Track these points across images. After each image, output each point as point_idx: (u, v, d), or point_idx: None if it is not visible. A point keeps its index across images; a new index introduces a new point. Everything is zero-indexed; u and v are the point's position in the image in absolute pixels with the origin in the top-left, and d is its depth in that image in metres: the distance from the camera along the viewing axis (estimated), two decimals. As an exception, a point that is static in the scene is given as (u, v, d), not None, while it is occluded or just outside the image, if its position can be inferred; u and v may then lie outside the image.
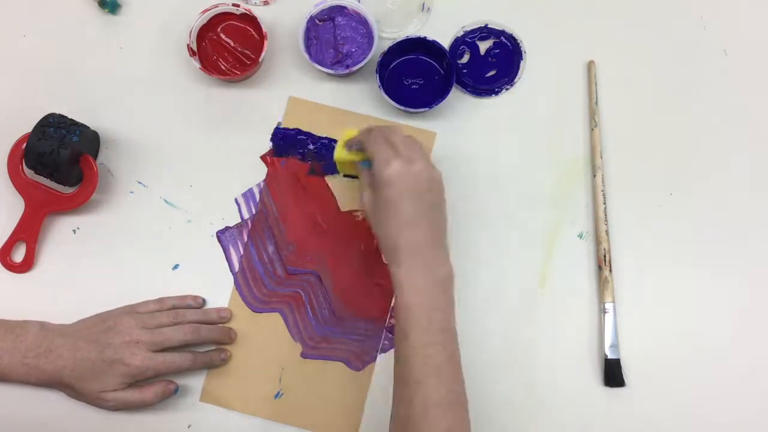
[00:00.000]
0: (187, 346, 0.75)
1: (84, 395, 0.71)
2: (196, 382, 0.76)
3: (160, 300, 0.76)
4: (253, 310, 0.78)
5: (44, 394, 0.74)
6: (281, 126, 0.81)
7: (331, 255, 0.79)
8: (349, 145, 0.72)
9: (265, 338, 0.77)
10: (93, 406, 0.73)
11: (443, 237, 0.69)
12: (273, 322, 0.78)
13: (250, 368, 0.77)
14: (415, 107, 0.79)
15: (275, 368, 0.77)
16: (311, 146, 0.80)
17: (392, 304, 0.69)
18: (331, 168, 0.80)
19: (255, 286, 0.78)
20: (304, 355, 0.77)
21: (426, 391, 0.63)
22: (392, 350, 0.74)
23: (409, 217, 0.66)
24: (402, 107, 0.79)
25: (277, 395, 0.77)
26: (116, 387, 0.71)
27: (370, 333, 0.78)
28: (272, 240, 0.79)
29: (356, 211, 0.80)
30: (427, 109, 0.79)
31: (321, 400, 0.76)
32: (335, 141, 0.80)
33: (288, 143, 0.81)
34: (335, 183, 0.80)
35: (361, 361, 0.77)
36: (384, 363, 0.77)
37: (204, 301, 0.78)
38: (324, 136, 0.81)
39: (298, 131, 0.81)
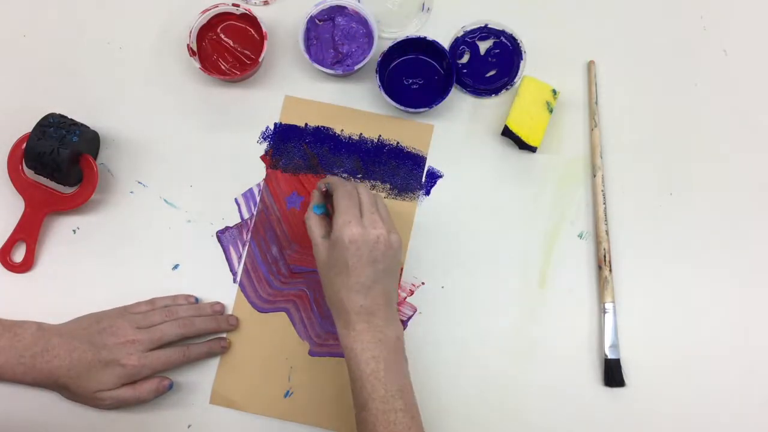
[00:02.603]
0: (183, 340, 0.75)
1: (79, 395, 0.71)
2: (195, 381, 0.76)
3: (152, 301, 0.76)
4: (258, 311, 0.78)
5: (43, 394, 0.74)
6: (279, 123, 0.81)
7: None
8: (322, 184, 0.72)
9: (273, 338, 0.77)
10: (88, 406, 0.73)
11: (393, 300, 0.69)
12: (279, 322, 0.78)
13: (259, 369, 0.77)
14: (415, 107, 0.79)
15: (284, 367, 0.77)
16: (307, 140, 0.81)
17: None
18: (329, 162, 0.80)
19: (260, 286, 0.78)
20: (312, 353, 0.77)
21: None
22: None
23: (361, 283, 0.66)
24: (402, 107, 0.79)
25: (287, 394, 0.77)
26: (112, 386, 0.71)
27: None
28: (275, 240, 0.79)
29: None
30: (427, 109, 0.79)
31: (331, 396, 0.76)
32: (331, 129, 0.81)
33: (284, 140, 0.81)
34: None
35: (368, 356, 0.77)
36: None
37: (197, 300, 0.78)
38: (320, 125, 0.81)
39: (295, 127, 0.81)
